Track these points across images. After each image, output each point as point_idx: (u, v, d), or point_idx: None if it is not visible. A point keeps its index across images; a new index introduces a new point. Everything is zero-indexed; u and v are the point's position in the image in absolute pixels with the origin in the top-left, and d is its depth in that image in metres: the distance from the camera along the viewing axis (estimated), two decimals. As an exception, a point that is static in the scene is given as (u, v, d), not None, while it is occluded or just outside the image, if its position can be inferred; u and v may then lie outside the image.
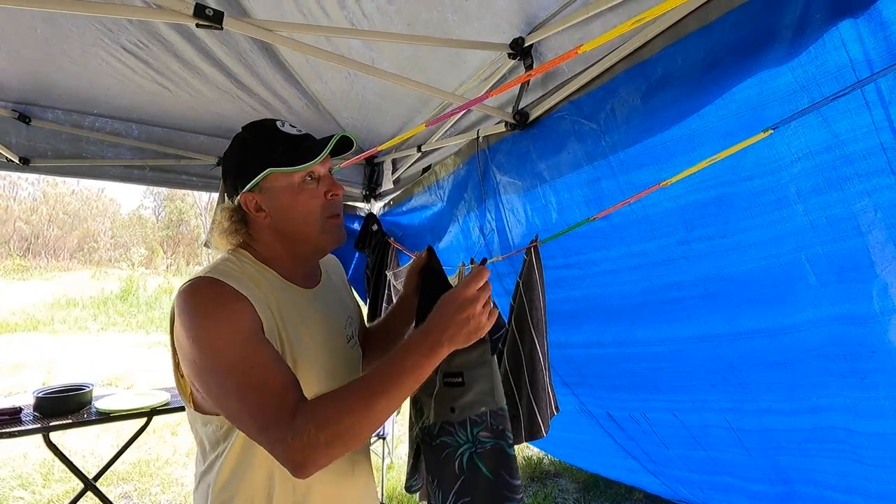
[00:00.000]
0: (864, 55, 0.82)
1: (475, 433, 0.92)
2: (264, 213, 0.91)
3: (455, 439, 0.92)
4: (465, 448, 0.92)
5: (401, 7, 1.43)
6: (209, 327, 0.79)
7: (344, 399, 0.75)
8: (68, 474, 2.62)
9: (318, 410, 0.74)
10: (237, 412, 0.77)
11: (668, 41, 1.08)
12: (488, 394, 0.93)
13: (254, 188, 0.90)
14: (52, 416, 2.37)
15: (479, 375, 0.93)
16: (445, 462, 0.92)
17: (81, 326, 9.65)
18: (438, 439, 0.93)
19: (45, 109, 2.16)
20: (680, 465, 1.90)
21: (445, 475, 0.92)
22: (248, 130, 0.93)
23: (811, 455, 1.32)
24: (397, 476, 4.03)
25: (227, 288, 0.82)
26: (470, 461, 0.92)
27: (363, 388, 0.77)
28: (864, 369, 1.04)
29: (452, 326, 0.77)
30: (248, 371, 0.76)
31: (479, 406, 0.93)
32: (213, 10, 1.06)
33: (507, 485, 0.91)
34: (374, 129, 2.41)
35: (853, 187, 0.90)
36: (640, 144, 1.16)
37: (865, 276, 0.94)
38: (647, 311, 1.41)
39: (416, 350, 0.78)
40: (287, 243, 0.94)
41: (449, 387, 0.93)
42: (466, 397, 0.92)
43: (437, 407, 0.94)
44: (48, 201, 18.63)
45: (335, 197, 0.95)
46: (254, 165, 0.89)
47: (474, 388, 0.92)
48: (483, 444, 0.92)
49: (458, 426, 0.92)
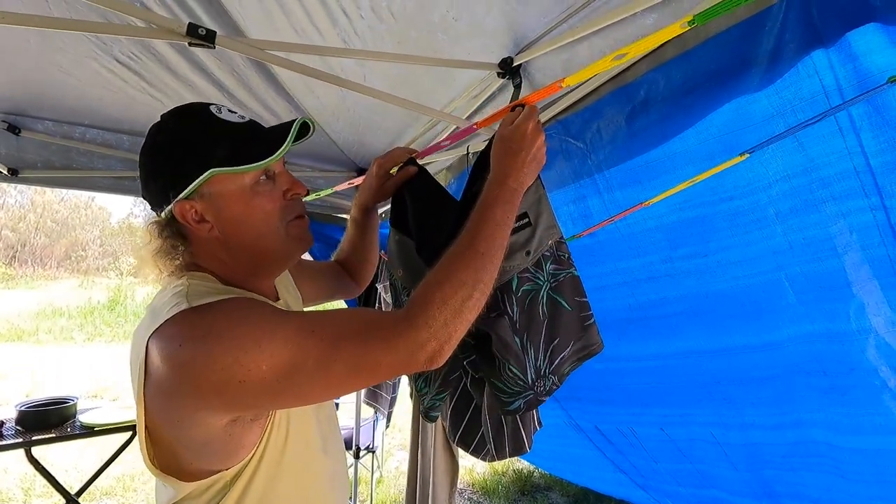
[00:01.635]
0: (835, 83, 0.85)
1: (548, 268, 0.92)
2: (208, 224, 0.74)
3: (535, 282, 0.91)
4: (544, 287, 0.92)
5: (392, 26, 1.45)
6: (241, 332, 0.63)
7: (449, 273, 0.69)
8: (50, 489, 2.56)
9: (429, 294, 0.67)
10: (341, 372, 0.64)
11: (650, 65, 1.12)
12: (552, 226, 0.93)
13: (192, 194, 0.72)
14: (34, 431, 2.34)
15: (541, 211, 0.93)
16: (531, 312, 0.91)
17: (67, 337, 9.50)
18: (521, 289, 0.91)
19: (36, 120, 2.16)
20: (668, 478, 1.91)
21: (532, 327, 0.91)
22: (177, 119, 0.75)
23: (796, 469, 1.34)
24: (386, 490, 3.99)
25: (221, 301, 0.68)
26: (549, 299, 0.92)
27: (465, 255, 0.71)
28: (844, 385, 1.07)
29: (525, 166, 0.78)
30: (317, 331, 0.65)
31: (547, 240, 0.93)
32: (205, 29, 1.07)
33: (583, 306, 0.93)
34: (366, 144, 2.43)
35: (829, 209, 0.93)
36: (625, 164, 1.19)
37: (843, 296, 0.97)
38: (632, 326, 1.43)
39: (501, 200, 0.75)
40: (244, 259, 0.77)
41: (517, 232, 0.91)
42: (536, 236, 0.92)
43: (505, 263, 0.89)
44: (36, 209, 18.40)
45: (297, 196, 0.80)
46: (190, 165, 0.71)
47: (540, 224, 0.92)
48: (556, 277, 0.92)
49: (533, 268, 0.91)
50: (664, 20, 1.11)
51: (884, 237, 0.89)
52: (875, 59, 0.78)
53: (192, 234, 0.76)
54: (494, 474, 4.35)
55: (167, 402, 0.66)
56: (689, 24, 0.72)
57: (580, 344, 0.94)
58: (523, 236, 0.91)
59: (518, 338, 0.90)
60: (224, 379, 0.61)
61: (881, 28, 0.77)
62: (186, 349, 0.63)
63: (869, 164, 0.87)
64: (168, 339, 0.64)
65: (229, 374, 0.61)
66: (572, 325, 0.92)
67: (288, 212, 0.78)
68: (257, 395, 0.63)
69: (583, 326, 0.94)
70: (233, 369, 0.61)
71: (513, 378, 0.89)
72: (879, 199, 0.87)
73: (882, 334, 0.93)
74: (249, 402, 0.64)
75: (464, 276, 0.69)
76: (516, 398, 0.90)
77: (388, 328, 0.66)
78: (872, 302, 0.92)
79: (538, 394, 0.91)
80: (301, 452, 0.78)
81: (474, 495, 4.08)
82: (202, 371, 0.62)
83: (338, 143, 2.44)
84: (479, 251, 0.71)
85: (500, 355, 0.89)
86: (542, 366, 0.91)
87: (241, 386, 0.61)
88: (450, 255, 0.72)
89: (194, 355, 0.62)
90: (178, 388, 0.64)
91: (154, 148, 0.75)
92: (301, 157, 2.62)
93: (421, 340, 0.65)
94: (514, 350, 0.90)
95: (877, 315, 0.93)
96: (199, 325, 0.65)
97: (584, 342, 0.95)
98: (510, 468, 4.41)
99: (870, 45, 0.78)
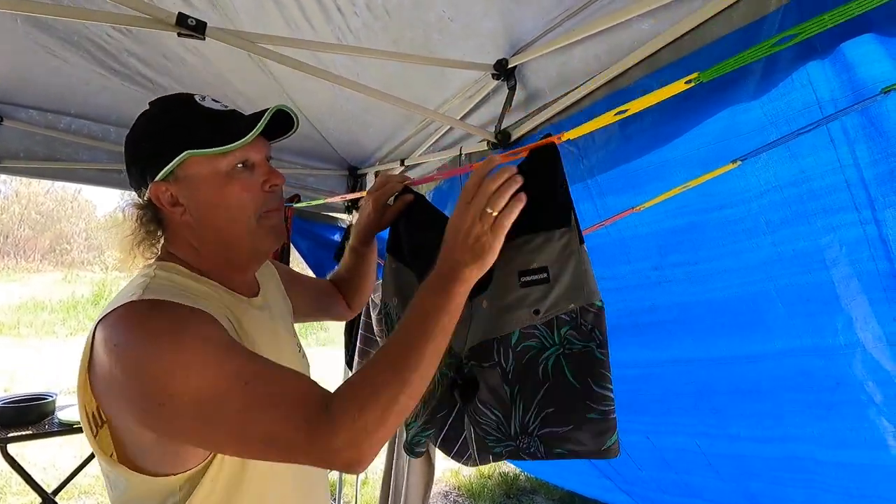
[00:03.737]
0: (829, 94, 0.85)
1: (563, 333, 0.81)
2: (182, 207, 0.73)
3: (541, 342, 0.82)
4: (552, 350, 0.81)
5: (387, 24, 1.44)
6: (177, 353, 0.61)
7: (376, 371, 0.64)
8: (27, 488, 2.50)
9: (353, 393, 0.62)
10: (255, 437, 0.60)
11: (645, 71, 1.11)
12: (577, 288, 0.81)
13: (168, 176, 0.72)
14: (10, 427, 2.28)
15: (565, 269, 0.81)
16: (528, 368, 0.82)
17: (49, 331, 9.32)
18: (521, 345, 0.82)
19: (19, 108, 2.11)
20: (653, 486, 1.91)
21: (528, 383, 0.82)
22: (160, 105, 0.76)
23: (783, 484, 1.34)
24: (371, 492, 3.96)
25: (175, 306, 0.66)
26: (556, 365, 0.81)
27: (393, 351, 0.65)
28: (830, 401, 1.07)
29: (457, 250, 0.68)
30: (251, 383, 0.61)
31: (566, 303, 0.81)
32: (195, 20, 1.05)
33: (590, 394, 0.79)
34: (359, 142, 2.41)
35: (819, 222, 0.93)
36: (617, 169, 1.18)
37: (831, 310, 0.97)
38: (621, 333, 1.42)
39: (429, 288, 0.68)
40: (215, 248, 0.76)
41: (530, 286, 0.82)
42: (551, 296, 0.81)
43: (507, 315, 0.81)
44: (20, 200, 18.05)
45: (275, 188, 0.78)
46: (167, 147, 0.71)
47: (561, 282, 0.81)
48: (571, 346, 0.80)
49: (542, 328, 0.81)
50: (661, 26, 1.11)
51: (873, 251, 0.89)
52: (870, 69, 0.78)
53: (168, 220, 0.76)
54: (480, 477, 4.33)
55: (106, 393, 0.65)
56: (693, 82, 0.72)
57: (577, 435, 0.80)
58: (536, 293, 0.81)
59: (508, 387, 0.83)
60: (146, 394, 0.61)
61: (877, 39, 0.77)
62: (120, 349, 0.62)
63: (862, 176, 0.87)
64: (110, 329, 0.64)
65: (152, 392, 0.60)
66: (572, 405, 0.80)
67: (263, 203, 0.77)
68: (172, 422, 0.61)
69: (584, 416, 0.79)
70: (156, 389, 0.60)
71: (496, 424, 0.84)
72: (871, 212, 0.87)
73: (869, 349, 0.93)
74: (162, 426, 0.62)
75: (391, 373, 0.63)
76: (497, 444, 0.86)
77: (313, 416, 0.60)
78: (860, 316, 0.92)
79: (519, 448, 0.84)
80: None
81: (460, 498, 4.07)
82: (130, 377, 0.61)
83: (330, 142, 2.42)
84: (409, 347, 0.65)
85: (487, 405, 0.84)
86: (530, 424, 0.82)
87: (160, 408, 0.60)
88: (382, 348, 0.68)
89: (126, 359, 0.62)
90: (111, 381, 0.63)
91: (136, 132, 0.76)
92: (293, 154, 2.59)
93: (337, 445, 0.59)
94: (502, 398, 0.83)
95: (864, 330, 0.93)
96: (144, 326, 0.63)
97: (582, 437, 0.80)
98: (496, 471, 4.40)
99: (865, 56, 0.78)
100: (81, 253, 17.56)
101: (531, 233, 0.83)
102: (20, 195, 18.06)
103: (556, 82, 1.42)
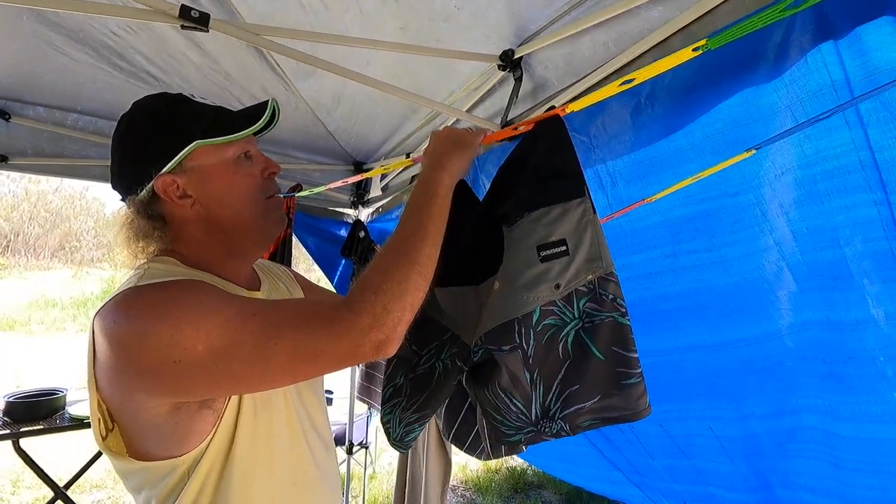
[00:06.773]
0: (844, 77, 0.84)
1: (582, 306, 0.80)
2: (191, 199, 0.74)
3: (561, 318, 0.80)
4: (572, 325, 0.80)
5: (394, 9, 1.42)
6: (181, 311, 0.62)
7: (383, 260, 0.69)
8: (39, 481, 2.53)
9: (366, 282, 0.66)
10: (280, 356, 0.62)
11: (653, 59, 1.09)
12: (595, 259, 0.81)
13: (175, 168, 0.73)
14: (22, 422, 2.31)
15: (582, 240, 0.81)
16: (548, 349, 0.81)
17: (59, 328, 9.43)
18: (541, 324, 0.81)
19: (27, 105, 2.11)
20: (665, 475, 1.91)
21: (547, 365, 0.81)
22: (153, 101, 0.76)
23: (791, 456, 1.32)
24: (379, 486, 3.98)
25: (170, 281, 0.68)
26: (576, 340, 0.80)
27: (395, 241, 0.72)
28: (842, 373, 1.05)
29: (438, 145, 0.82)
30: (259, 314, 0.64)
31: (585, 273, 0.80)
32: (198, 11, 1.04)
33: (622, 360, 0.79)
34: (364, 135, 2.40)
35: (833, 201, 0.92)
36: (629, 158, 1.17)
37: (844, 286, 0.96)
38: (634, 322, 1.42)
39: (420, 181, 0.78)
40: (222, 237, 0.78)
41: (551, 260, 0.81)
42: (572, 268, 0.80)
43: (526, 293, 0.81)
44: (30, 198, 18.21)
45: (273, 175, 0.83)
46: (174, 139, 0.72)
47: (579, 254, 0.81)
48: (591, 318, 0.80)
49: (561, 303, 0.80)
50: (669, 13, 1.09)
51: (887, 231, 0.88)
52: (886, 53, 0.76)
53: (171, 214, 0.76)
54: (488, 472, 4.35)
55: (110, 383, 0.66)
56: (701, 49, 0.71)
57: (608, 402, 0.80)
58: (558, 266, 0.81)
59: (528, 372, 0.82)
60: (158, 358, 0.61)
61: (894, 22, 0.75)
62: (121, 326, 0.63)
63: (875, 160, 0.85)
64: (107, 316, 0.65)
65: (164, 353, 0.60)
66: (599, 377, 0.80)
67: (265, 189, 0.81)
68: (193, 376, 0.62)
69: (616, 383, 0.80)
70: (167, 349, 0.60)
71: (516, 413, 0.83)
72: (884, 194, 0.86)
73: (881, 325, 0.92)
74: (185, 384, 0.63)
75: (395, 259, 0.69)
76: (517, 432, 0.85)
77: (329, 316, 0.64)
78: (873, 293, 0.91)
79: (541, 432, 0.83)
80: (263, 447, 0.74)
81: (467, 492, 4.08)
82: (137, 349, 0.62)
83: (335, 135, 2.41)
84: (406, 233, 0.72)
85: (507, 392, 0.82)
86: (551, 406, 0.82)
87: (176, 366, 0.61)
88: (387, 244, 0.73)
89: (129, 333, 0.62)
90: (116, 365, 0.64)
91: (131, 128, 0.76)
92: (299, 149, 2.58)
93: (363, 327, 0.62)
94: (522, 385, 0.82)
95: (877, 307, 0.92)
96: (137, 303, 0.65)
97: (616, 402, 0.80)
98: (503, 466, 4.41)
99: (882, 39, 0.77)
100: (91, 250, 17.72)
101: (547, 206, 0.83)
102: (29, 193, 18.22)
103: (563, 72, 1.41)
